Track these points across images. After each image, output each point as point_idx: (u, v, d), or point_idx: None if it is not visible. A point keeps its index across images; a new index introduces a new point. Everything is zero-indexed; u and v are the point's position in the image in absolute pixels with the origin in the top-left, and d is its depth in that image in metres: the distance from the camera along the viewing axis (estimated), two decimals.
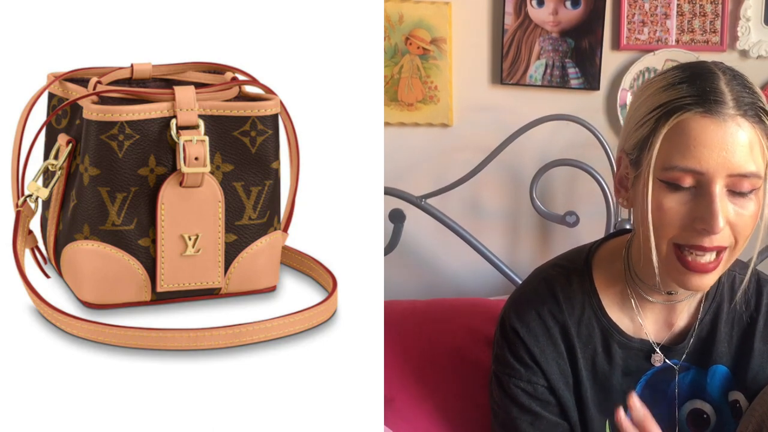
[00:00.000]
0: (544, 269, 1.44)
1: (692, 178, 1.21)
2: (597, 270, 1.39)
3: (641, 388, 1.38)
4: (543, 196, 2.00)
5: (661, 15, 1.95)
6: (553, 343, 1.37)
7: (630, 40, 1.96)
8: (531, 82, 2.01)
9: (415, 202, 1.97)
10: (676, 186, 1.22)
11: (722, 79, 1.23)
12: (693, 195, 1.22)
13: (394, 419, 1.52)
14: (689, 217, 1.22)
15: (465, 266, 2.08)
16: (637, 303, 1.37)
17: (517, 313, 1.39)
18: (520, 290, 1.44)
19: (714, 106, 1.20)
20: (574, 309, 1.38)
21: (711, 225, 1.20)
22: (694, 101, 1.21)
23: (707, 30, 1.94)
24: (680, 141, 1.21)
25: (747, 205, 1.23)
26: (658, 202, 1.23)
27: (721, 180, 1.20)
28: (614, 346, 1.37)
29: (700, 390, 1.37)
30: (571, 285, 1.38)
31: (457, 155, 2.04)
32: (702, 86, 1.22)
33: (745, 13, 1.92)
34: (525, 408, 1.37)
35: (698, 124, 1.20)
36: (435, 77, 2.01)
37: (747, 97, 1.22)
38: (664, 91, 1.25)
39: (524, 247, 2.08)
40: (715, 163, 1.20)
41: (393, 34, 2.01)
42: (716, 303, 1.37)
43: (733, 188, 1.21)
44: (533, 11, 1.98)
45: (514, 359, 1.38)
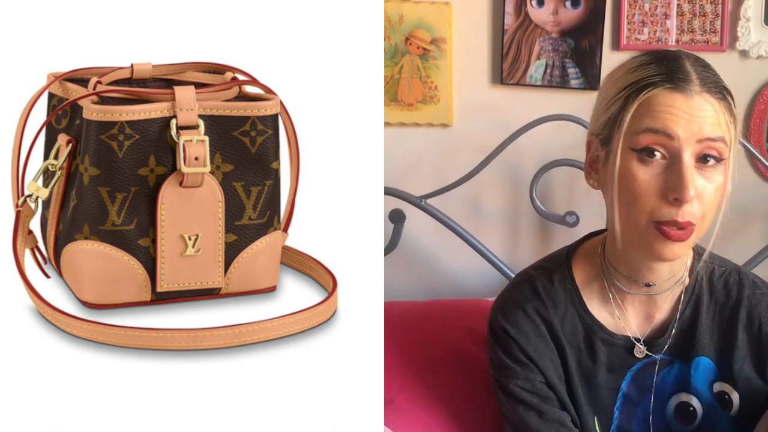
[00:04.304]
0: (526, 272, 1.46)
1: (662, 147, 1.25)
2: (577, 268, 1.41)
3: (627, 384, 1.39)
4: (543, 196, 2.00)
5: (661, 15, 1.95)
6: (543, 340, 1.38)
7: (630, 40, 1.96)
8: (531, 82, 2.01)
9: (415, 202, 1.97)
10: (648, 153, 1.25)
11: (687, 60, 1.29)
12: (664, 167, 1.25)
13: (394, 419, 1.52)
14: (662, 187, 1.25)
15: (465, 266, 2.08)
16: (616, 297, 1.38)
17: (504, 315, 1.41)
18: (505, 293, 1.45)
19: (681, 84, 1.26)
20: (557, 307, 1.39)
21: (683, 194, 1.23)
22: (662, 79, 1.27)
23: (707, 30, 1.94)
24: (650, 110, 1.26)
25: (714, 176, 1.26)
26: (631, 173, 1.26)
27: (690, 148, 1.25)
28: (598, 343, 1.38)
29: (685, 383, 1.38)
30: (553, 285, 1.41)
31: (457, 155, 2.04)
32: (669, 66, 1.28)
33: (745, 13, 1.92)
34: (529, 404, 1.37)
35: (667, 97, 1.26)
36: (435, 77, 2.01)
37: (711, 76, 1.28)
38: (633, 72, 1.30)
39: (524, 247, 2.08)
40: (685, 129, 1.24)
41: (393, 34, 2.01)
42: (696, 296, 1.39)
43: (702, 153, 1.25)
44: (533, 11, 1.98)
45: (509, 359, 1.39)
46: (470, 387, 1.57)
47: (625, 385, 1.39)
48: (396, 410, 1.54)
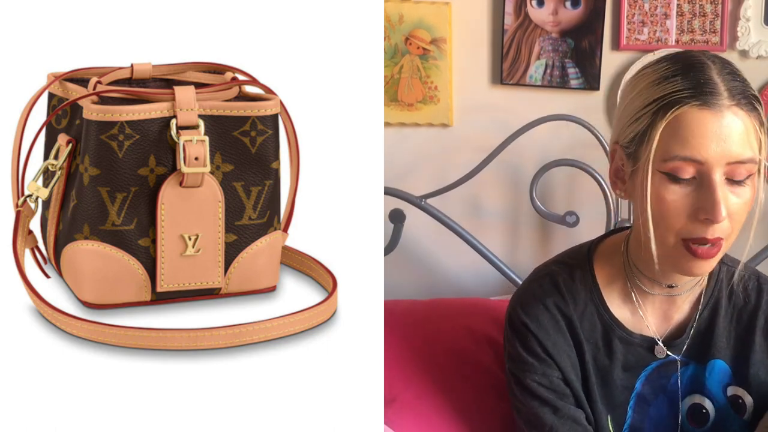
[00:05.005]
0: (546, 266, 1.45)
1: (693, 168, 1.24)
2: (598, 266, 1.40)
3: (641, 384, 1.38)
4: (543, 196, 2.00)
5: (660, 15, 1.95)
6: (562, 336, 1.38)
7: (630, 41, 1.96)
8: (531, 82, 2.01)
9: (415, 202, 1.97)
10: (677, 177, 1.24)
11: (713, 69, 1.26)
12: (694, 186, 1.25)
13: (394, 419, 1.52)
14: (692, 207, 1.25)
15: (465, 266, 2.08)
16: (637, 297, 1.38)
17: (525, 308, 1.40)
18: (524, 287, 1.44)
19: (710, 98, 1.23)
20: (577, 304, 1.39)
21: (714, 214, 1.23)
22: (690, 94, 1.24)
23: (707, 30, 1.94)
24: (679, 133, 1.24)
25: (743, 192, 1.26)
26: (660, 194, 1.25)
27: (720, 169, 1.23)
28: (615, 341, 1.37)
29: (699, 385, 1.38)
30: (573, 281, 1.40)
31: (457, 155, 2.04)
32: (696, 78, 1.25)
33: (745, 13, 1.92)
34: (545, 400, 1.37)
35: (696, 116, 1.23)
36: (435, 77, 2.01)
37: (739, 86, 1.25)
38: (658, 85, 1.27)
39: (524, 247, 2.08)
40: (714, 152, 1.23)
41: (393, 34, 2.01)
42: (714, 298, 1.38)
43: (731, 176, 1.24)
44: (533, 11, 1.98)
45: (528, 354, 1.38)
46: (471, 386, 1.57)
47: (639, 385, 1.38)
48: (397, 409, 1.53)
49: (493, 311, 1.69)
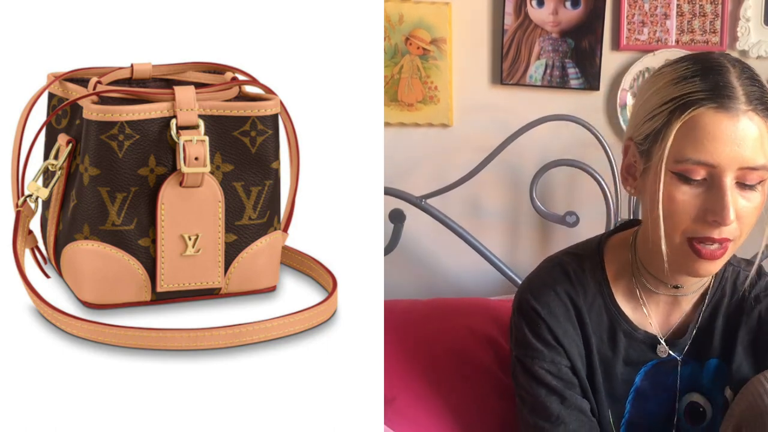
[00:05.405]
0: (556, 256, 1.45)
1: (704, 170, 1.24)
2: (608, 259, 1.41)
3: (640, 379, 1.39)
4: (543, 196, 2.00)
5: (660, 15, 1.95)
6: (572, 324, 1.38)
7: (630, 41, 1.96)
8: (531, 82, 2.01)
9: (415, 202, 1.97)
10: (688, 178, 1.25)
11: (733, 72, 1.26)
12: (704, 188, 1.25)
13: (394, 419, 1.52)
14: (701, 209, 1.25)
15: (465, 266, 2.08)
16: (642, 295, 1.38)
17: (535, 295, 1.39)
18: (535, 275, 1.44)
19: (727, 102, 1.23)
20: (587, 295, 1.39)
21: (722, 217, 1.23)
22: (707, 96, 1.24)
23: (707, 30, 1.94)
24: (693, 135, 1.24)
25: (753, 197, 1.26)
26: (670, 193, 1.25)
27: (732, 173, 1.24)
28: (619, 335, 1.38)
29: (697, 384, 1.38)
30: (584, 272, 1.40)
31: (457, 155, 2.04)
32: (715, 80, 1.25)
33: (745, 13, 1.92)
34: (552, 388, 1.36)
35: (712, 119, 1.23)
36: (435, 77, 2.01)
37: (757, 91, 1.25)
38: (676, 85, 1.27)
39: (524, 247, 2.08)
40: (727, 156, 1.23)
41: (393, 34, 2.01)
42: (717, 297, 1.38)
43: (742, 180, 1.24)
44: (533, 11, 1.98)
45: (537, 340, 1.38)
46: (471, 386, 1.57)
47: (638, 380, 1.39)
48: (397, 409, 1.53)
49: (493, 311, 1.69)
